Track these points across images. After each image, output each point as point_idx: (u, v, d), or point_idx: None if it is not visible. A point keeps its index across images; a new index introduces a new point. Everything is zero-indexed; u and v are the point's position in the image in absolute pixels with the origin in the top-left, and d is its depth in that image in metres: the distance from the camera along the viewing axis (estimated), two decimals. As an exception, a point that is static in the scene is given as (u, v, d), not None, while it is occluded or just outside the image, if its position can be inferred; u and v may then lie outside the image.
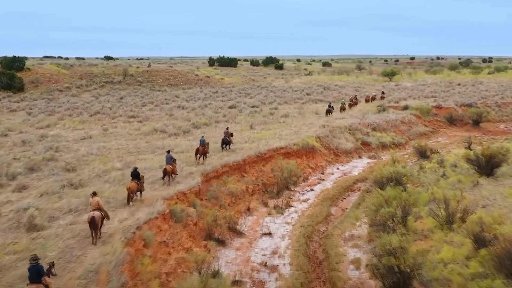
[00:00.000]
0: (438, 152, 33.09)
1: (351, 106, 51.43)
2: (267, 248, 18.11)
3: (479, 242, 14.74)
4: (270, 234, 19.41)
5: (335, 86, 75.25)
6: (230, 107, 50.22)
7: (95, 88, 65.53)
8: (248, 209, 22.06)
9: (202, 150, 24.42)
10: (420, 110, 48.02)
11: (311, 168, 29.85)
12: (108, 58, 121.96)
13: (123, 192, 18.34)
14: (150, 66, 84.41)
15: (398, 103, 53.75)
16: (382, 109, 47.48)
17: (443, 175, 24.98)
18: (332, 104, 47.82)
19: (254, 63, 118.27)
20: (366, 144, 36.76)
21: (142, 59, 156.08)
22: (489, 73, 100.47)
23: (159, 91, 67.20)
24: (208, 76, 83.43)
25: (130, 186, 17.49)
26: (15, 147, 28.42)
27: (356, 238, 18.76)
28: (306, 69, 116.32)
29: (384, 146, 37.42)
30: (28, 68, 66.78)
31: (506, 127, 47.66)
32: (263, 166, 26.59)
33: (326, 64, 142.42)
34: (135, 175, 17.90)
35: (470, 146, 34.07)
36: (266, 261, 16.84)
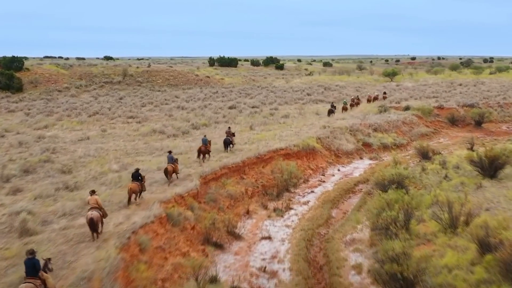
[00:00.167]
0: (440, 153, 32.71)
1: (352, 107, 51.10)
2: (266, 252, 17.70)
3: (484, 247, 14.33)
4: (269, 238, 18.99)
5: (336, 86, 74.79)
6: (230, 108, 49.84)
7: (94, 89, 65.07)
8: (247, 212, 21.63)
9: (204, 149, 24.66)
10: (421, 110, 47.65)
11: (312, 169, 29.43)
12: (107, 58, 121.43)
13: (119, 195, 17.98)
14: (150, 66, 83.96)
15: (399, 103, 53.43)
16: (383, 109, 47.11)
17: (446, 176, 24.60)
18: (334, 104, 47.57)
19: (255, 63, 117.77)
20: (367, 145, 36.37)
21: (143, 59, 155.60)
22: (490, 73, 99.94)
23: (158, 91, 66.76)
24: (208, 76, 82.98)
25: (131, 187, 17.31)
26: (12, 148, 28.02)
27: (357, 242, 18.36)
28: (306, 69, 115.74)
29: (385, 147, 37.01)
30: (27, 68, 66.35)
31: (508, 128, 47.21)
32: (262, 167, 26.18)
33: (327, 64, 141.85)
34: (136, 176, 17.72)
35: (472, 147, 33.75)
36: (266, 266, 16.42)
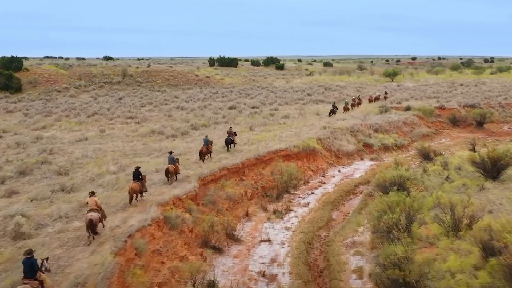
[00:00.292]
0: (441, 154, 32.39)
1: (354, 107, 50.84)
2: (265, 255, 17.39)
3: (488, 250, 14.03)
4: (269, 241, 18.69)
5: (337, 86, 74.43)
6: (230, 108, 49.52)
7: (93, 89, 64.72)
8: (247, 214, 21.33)
9: (206, 150, 24.81)
10: (422, 111, 47.36)
11: (312, 170, 29.13)
12: (107, 58, 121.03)
13: (116, 197, 17.69)
14: (149, 66, 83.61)
15: (400, 103, 53.10)
16: (384, 110, 46.82)
17: (448, 178, 24.28)
18: (336, 105, 47.43)
19: (255, 63, 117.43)
20: (368, 146, 36.07)
21: (143, 59, 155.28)
22: (491, 73, 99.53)
23: (158, 91, 66.43)
24: (208, 77, 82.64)
25: (132, 187, 17.15)
26: (9, 149, 27.70)
27: (358, 245, 18.05)
28: (307, 69, 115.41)
29: (386, 148, 36.71)
30: (26, 68, 66.00)
31: (510, 128, 46.90)
32: (262, 169, 25.88)
33: (327, 64, 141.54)
34: (137, 175, 17.53)
35: (474, 148, 33.44)
36: (265, 270, 16.10)
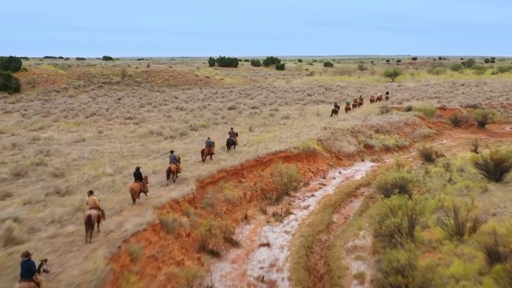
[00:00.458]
0: (443, 155, 32.01)
1: (355, 107, 50.53)
2: (264, 260, 16.99)
3: (493, 256, 13.65)
4: (268, 245, 18.29)
5: (337, 86, 74.02)
6: (230, 108, 49.14)
7: (92, 89, 64.34)
8: (246, 217, 20.92)
9: (208, 151, 24.73)
10: (424, 111, 46.99)
11: (312, 172, 28.74)
12: (107, 59, 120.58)
13: (111, 200, 17.31)
14: (149, 66, 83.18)
15: (401, 104, 52.71)
16: (385, 110, 46.43)
17: (450, 180, 23.91)
18: (338, 105, 47.20)
19: (255, 63, 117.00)
20: (369, 147, 35.67)
21: (143, 59, 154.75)
22: (492, 73, 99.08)
23: (158, 91, 66.06)
24: (208, 77, 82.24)
25: (133, 187, 17.10)
26: (5, 150, 27.27)
27: (359, 249, 17.65)
28: (307, 69, 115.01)
29: (387, 149, 36.30)
30: (25, 69, 65.60)
31: (512, 129, 46.51)
32: (262, 170, 25.48)
33: (327, 64, 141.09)
34: (138, 175, 17.44)
35: (476, 149, 33.07)
36: (264, 275, 15.71)
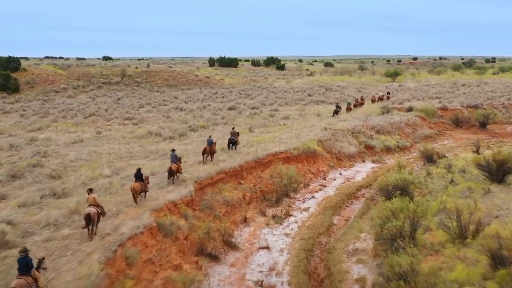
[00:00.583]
0: (445, 156, 31.69)
1: (356, 107, 50.36)
2: (264, 264, 16.69)
3: (497, 260, 13.34)
4: (267, 248, 17.98)
5: (337, 87, 73.71)
6: (230, 109, 48.87)
7: (92, 89, 64.04)
8: (245, 219, 20.62)
9: (210, 150, 24.56)
10: (425, 111, 46.70)
11: (312, 173, 28.44)
12: (106, 59, 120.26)
13: (108, 202, 16.97)
14: (148, 66, 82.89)
15: (402, 104, 52.44)
16: (386, 110, 46.14)
17: (452, 181, 23.61)
18: (340, 105, 47.08)
19: (255, 63, 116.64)
20: (369, 148, 35.36)
21: (143, 59, 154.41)
22: (493, 73, 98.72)
23: (157, 92, 65.79)
24: (208, 77, 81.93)
25: (134, 187, 17.17)
26: (2, 151, 26.93)
27: (360, 252, 17.35)
28: (308, 69, 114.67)
29: (388, 150, 36.01)
30: (24, 69, 65.29)
31: (514, 129, 46.17)
32: (261, 172, 25.18)
33: (328, 64, 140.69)
34: (139, 176, 17.56)
35: (478, 150, 32.76)
36: (263, 279, 15.41)
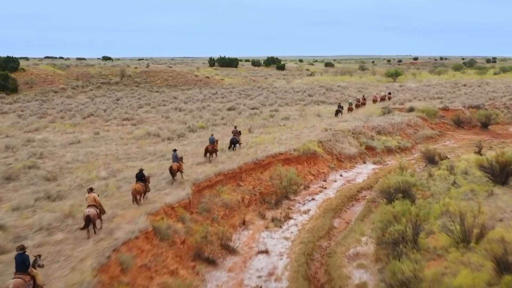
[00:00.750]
0: (447, 157, 31.29)
1: (358, 107, 50.10)
2: (263, 268, 16.29)
3: (502, 265, 12.95)
4: (266, 252, 17.59)
5: (338, 87, 73.28)
6: (229, 109, 48.49)
7: (91, 89, 63.67)
8: (244, 222, 20.22)
9: (212, 148, 24.52)
10: (426, 112, 46.29)
11: (313, 175, 28.04)
12: (106, 59, 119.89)
13: (104, 205, 16.45)
14: (148, 66, 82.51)
15: (403, 104, 52.04)
16: (387, 111, 45.74)
17: (454, 183, 23.19)
18: (342, 105, 46.91)
19: (256, 63, 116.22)
20: (370, 149, 34.94)
21: (143, 59, 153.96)
22: (495, 73, 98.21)
23: (157, 92, 65.40)
24: (207, 77, 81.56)
25: (136, 188, 17.17)
26: (-3, 152, 26.67)
27: (361, 257, 16.96)
28: (308, 69, 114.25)
29: (389, 151, 35.59)
30: (23, 69, 64.95)
31: (516, 130, 45.77)
32: (261, 173, 24.78)
33: (328, 64, 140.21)
34: (140, 176, 17.48)
35: (480, 151, 32.36)
36: (261, 285, 15.03)
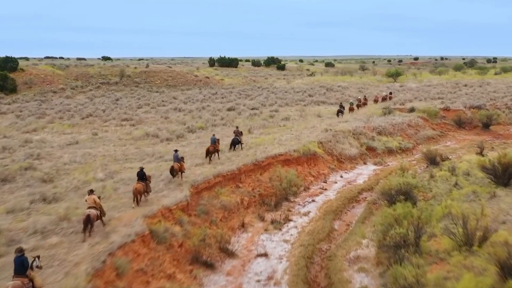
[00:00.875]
0: (448, 158, 31.01)
1: (359, 107, 49.91)
2: (262, 272, 16.00)
3: (506, 270, 12.66)
4: (266, 255, 17.29)
5: (338, 87, 72.97)
6: (229, 109, 48.20)
7: (90, 90, 63.43)
8: (243, 224, 19.92)
9: (213, 149, 24.53)
10: (427, 112, 45.99)
11: (313, 176, 27.75)
12: (105, 59, 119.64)
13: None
14: (148, 66, 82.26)
15: (403, 105, 51.77)
16: (388, 111, 45.44)
17: (456, 184, 22.94)
18: (343, 105, 46.67)
19: (256, 63, 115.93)
20: (371, 149, 34.64)
21: (143, 59, 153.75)
22: (495, 73, 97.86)
23: (156, 92, 65.15)
24: (207, 77, 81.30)
25: (137, 187, 17.08)
26: (-6, 153, 26.39)
27: (362, 260, 16.67)
28: (308, 69, 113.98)
29: (390, 151, 35.31)
30: (22, 69, 64.75)
31: (517, 131, 45.46)
32: (260, 175, 24.49)
33: (329, 64, 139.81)
34: (141, 175, 17.32)
35: (482, 152, 32.10)
36: (260, 290, 14.78)
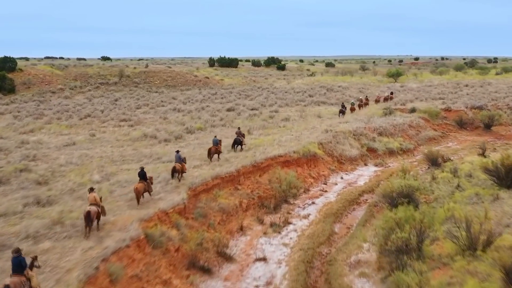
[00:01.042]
0: (450, 159, 30.63)
1: (361, 107, 49.61)
2: (260, 277, 15.62)
3: (511, 275, 12.30)
4: (264, 259, 16.91)
5: (339, 87, 72.57)
6: (228, 110, 47.82)
7: (89, 90, 63.06)
8: (241, 228, 19.54)
9: (215, 150, 24.51)
10: (428, 113, 45.60)
11: (313, 177, 27.36)
12: (105, 59, 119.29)
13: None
14: (147, 66, 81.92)
15: (404, 105, 51.37)
16: (389, 112, 45.05)
17: (458, 186, 22.52)
18: (345, 105, 46.52)
19: (256, 63, 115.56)
20: (372, 150, 34.24)
21: (142, 59, 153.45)
22: (496, 73, 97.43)
23: (156, 92, 64.78)
24: (207, 77, 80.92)
25: (137, 187, 17.06)
26: (-10, 155, 26.00)
27: (363, 265, 16.30)
28: (308, 69, 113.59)
29: (391, 152, 34.92)
30: (20, 69, 64.39)
31: (519, 131, 45.04)
32: (259, 176, 24.09)
33: (329, 64, 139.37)
34: (142, 175, 17.18)
35: (484, 153, 31.71)
36: (259, 295, 14.40)
